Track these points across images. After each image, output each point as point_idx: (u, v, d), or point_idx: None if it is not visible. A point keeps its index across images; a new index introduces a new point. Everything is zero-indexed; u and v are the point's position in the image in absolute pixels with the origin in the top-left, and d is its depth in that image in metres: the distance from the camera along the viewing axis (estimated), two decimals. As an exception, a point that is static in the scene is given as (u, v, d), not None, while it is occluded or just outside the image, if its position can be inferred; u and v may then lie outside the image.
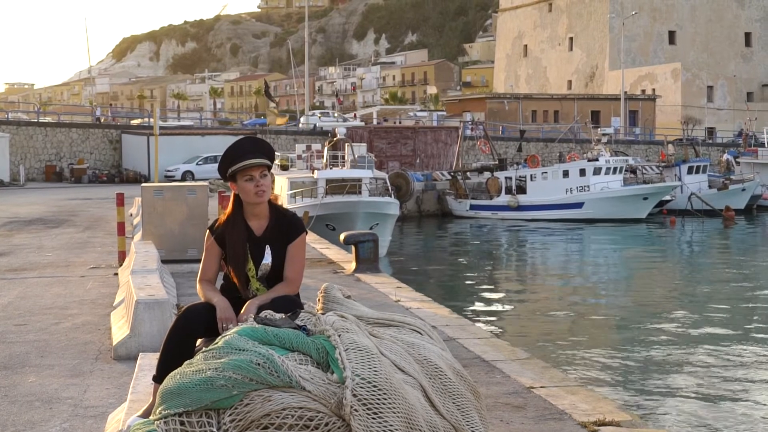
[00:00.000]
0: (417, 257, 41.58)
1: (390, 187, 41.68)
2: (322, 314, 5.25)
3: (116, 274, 14.82)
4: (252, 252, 5.66)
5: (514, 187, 57.69)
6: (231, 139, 57.72)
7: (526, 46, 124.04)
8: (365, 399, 4.48)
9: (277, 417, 4.43)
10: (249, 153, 5.63)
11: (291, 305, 5.40)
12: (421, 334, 5.42)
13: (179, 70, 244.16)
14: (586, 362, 19.03)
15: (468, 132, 68.79)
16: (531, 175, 57.40)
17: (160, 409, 4.57)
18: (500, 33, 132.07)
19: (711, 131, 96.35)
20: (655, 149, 77.06)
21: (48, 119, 72.66)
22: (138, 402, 5.78)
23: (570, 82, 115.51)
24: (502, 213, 57.06)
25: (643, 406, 15.26)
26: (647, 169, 65.86)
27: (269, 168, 5.71)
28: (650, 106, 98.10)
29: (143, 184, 17.35)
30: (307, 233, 5.91)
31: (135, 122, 75.75)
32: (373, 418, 4.45)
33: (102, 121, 68.30)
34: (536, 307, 27.38)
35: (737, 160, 67.69)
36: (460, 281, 33.80)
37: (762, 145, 71.51)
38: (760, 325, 24.00)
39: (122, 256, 15.71)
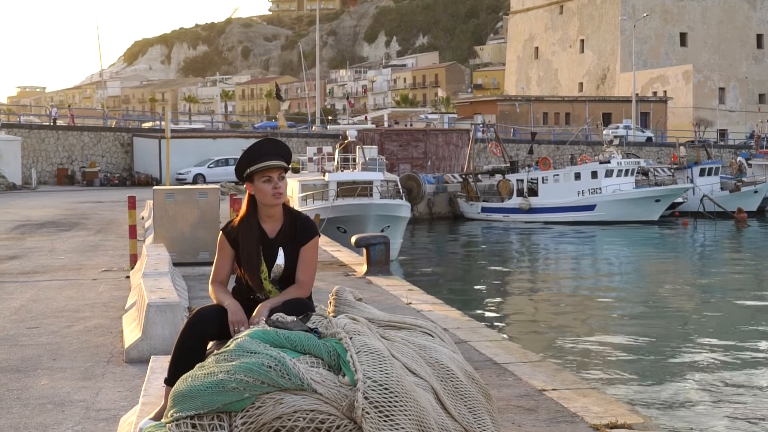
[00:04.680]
0: (428, 260, 41.56)
1: (401, 190, 41.65)
2: (334, 317, 5.25)
3: (128, 277, 14.84)
4: (265, 254, 5.65)
5: (525, 190, 57.62)
6: (242, 142, 58.28)
7: (537, 48, 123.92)
8: (377, 402, 4.47)
9: (289, 420, 4.42)
10: (269, 154, 5.62)
11: (302, 308, 5.39)
12: (433, 336, 5.41)
13: (190, 73, 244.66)
14: (599, 364, 18.99)
15: (479, 134, 68.74)
16: (542, 178, 57.30)
17: (171, 411, 4.57)
18: (511, 35, 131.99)
19: (723, 133, 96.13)
20: (667, 151, 76.90)
21: (60, 122, 72.85)
22: (150, 405, 5.78)
23: (581, 84, 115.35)
24: (513, 215, 56.99)
25: (656, 409, 15.22)
26: (659, 171, 65.77)
27: (287, 171, 5.72)
28: (662, 108, 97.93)
29: (155, 187, 17.40)
30: (319, 236, 5.90)
31: (146, 125, 75.87)
32: (385, 421, 4.44)
33: (56, 122, 68.16)
34: (548, 310, 27.34)
35: (749, 162, 67.52)
36: (471, 284, 33.77)
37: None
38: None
39: (134, 259, 15.73)
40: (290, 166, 5.84)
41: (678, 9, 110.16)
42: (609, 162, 56.10)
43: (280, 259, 5.64)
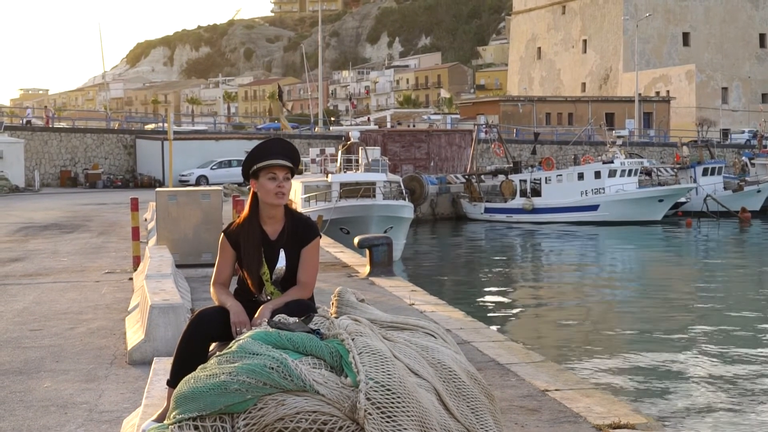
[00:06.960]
0: (431, 261, 41.54)
1: (404, 191, 41.64)
2: (336, 318, 5.25)
3: (131, 278, 14.84)
4: (266, 255, 5.65)
5: (528, 190, 57.60)
6: (245, 144, 58.45)
7: (539, 48, 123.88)
8: (379, 402, 4.47)
9: (291, 421, 4.42)
10: (277, 153, 5.65)
11: (305, 309, 5.39)
12: (435, 337, 5.41)
13: (193, 74, 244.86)
14: (601, 365, 18.97)
15: (482, 135, 68.68)
16: (545, 178, 57.26)
17: (174, 413, 4.57)
18: (514, 36, 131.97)
19: (726, 133, 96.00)
20: (670, 151, 76.87)
21: (63, 125, 72.90)
22: (153, 407, 5.78)
23: (584, 84, 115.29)
24: (516, 216, 56.97)
25: (659, 409, 15.20)
26: (662, 171, 65.73)
27: (293, 173, 5.72)
28: (664, 107, 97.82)
29: (157, 189, 17.38)
30: (321, 237, 5.90)
31: (149, 127, 75.91)
32: (387, 422, 4.44)
33: (30, 123, 68.01)
34: (551, 310, 27.32)
35: (752, 161, 67.45)
36: (474, 284, 33.75)
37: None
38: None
39: (137, 261, 15.72)
40: (297, 168, 5.83)
41: (680, 9, 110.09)
42: (612, 162, 56.10)
43: (282, 262, 5.64)
